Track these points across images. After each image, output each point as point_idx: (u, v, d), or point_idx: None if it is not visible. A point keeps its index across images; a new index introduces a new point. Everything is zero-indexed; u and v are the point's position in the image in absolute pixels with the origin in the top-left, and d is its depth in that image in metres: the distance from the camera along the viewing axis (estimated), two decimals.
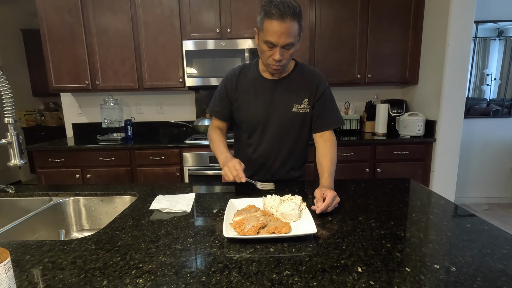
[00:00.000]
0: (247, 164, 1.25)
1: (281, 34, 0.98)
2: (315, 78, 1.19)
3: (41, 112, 4.61)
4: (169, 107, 3.04)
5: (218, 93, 1.26)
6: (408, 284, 0.58)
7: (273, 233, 0.76)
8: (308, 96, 1.19)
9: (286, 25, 0.97)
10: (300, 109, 1.19)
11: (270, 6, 0.97)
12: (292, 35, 0.99)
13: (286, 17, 0.96)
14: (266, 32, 1.00)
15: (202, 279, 0.61)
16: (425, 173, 2.55)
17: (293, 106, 1.18)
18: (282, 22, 0.96)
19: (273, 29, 0.98)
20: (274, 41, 1.00)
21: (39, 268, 0.67)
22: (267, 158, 1.24)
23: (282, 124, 1.20)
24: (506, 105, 3.03)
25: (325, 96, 1.20)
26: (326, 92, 1.20)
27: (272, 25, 0.98)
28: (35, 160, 2.42)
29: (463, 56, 2.33)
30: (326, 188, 1.00)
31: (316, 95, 1.19)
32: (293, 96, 1.18)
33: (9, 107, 1.00)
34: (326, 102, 1.20)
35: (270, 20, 0.98)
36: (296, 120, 1.20)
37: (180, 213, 0.96)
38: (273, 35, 0.99)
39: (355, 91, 3.02)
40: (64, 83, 2.64)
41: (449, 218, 0.89)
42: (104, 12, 2.54)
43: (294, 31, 1.00)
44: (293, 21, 0.98)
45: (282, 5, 0.96)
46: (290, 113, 1.19)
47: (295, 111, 1.19)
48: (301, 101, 1.18)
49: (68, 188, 1.22)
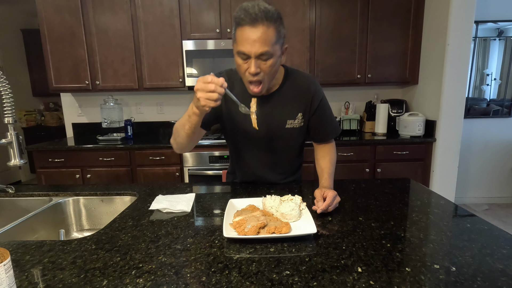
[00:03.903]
0: (243, 174, 1.23)
1: (253, 42, 0.84)
2: (309, 89, 1.07)
3: (41, 112, 4.61)
4: (169, 107, 3.04)
5: None
6: (408, 284, 0.58)
7: (273, 233, 0.76)
8: (303, 110, 1.08)
9: (259, 31, 0.84)
10: (294, 125, 1.09)
11: (240, 11, 0.85)
12: (268, 43, 0.85)
13: (257, 21, 0.83)
14: (238, 42, 0.88)
15: (202, 279, 0.61)
16: (425, 173, 2.55)
17: (287, 122, 1.08)
18: (253, 27, 0.84)
19: (244, 37, 0.85)
20: (246, 51, 0.86)
21: (39, 268, 0.67)
22: (262, 171, 1.18)
23: (275, 140, 1.11)
24: (506, 105, 3.03)
25: (320, 107, 1.09)
26: (321, 103, 1.09)
27: (243, 33, 0.85)
28: (35, 160, 2.42)
29: (463, 56, 2.33)
30: (326, 188, 1.00)
31: (311, 108, 1.09)
32: (286, 111, 1.07)
33: (9, 107, 1.00)
34: (323, 114, 1.11)
35: (241, 27, 0.85)
36: (291, 135, 1.12)
37: (180, 213, 0.96)
38: (244, 43, 0.85)
39: (355, 91, 3.02)
40: (64, 83, 2.64)
41: (449, 218, 0.89)
42: (104, 12, 2.54)
43: (270, 38, 0.85)
44: (268, 26, 0.84)
45: (252, 8, 0.84)
46: (284, 130, 1.09)
47: (289, 127, 1.09)
48: (295, 116, 1.08)
49: (68, 188, 1.22)
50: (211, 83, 0.78)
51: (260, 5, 0.85)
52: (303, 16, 2.55)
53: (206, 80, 0.78)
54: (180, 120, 0.97)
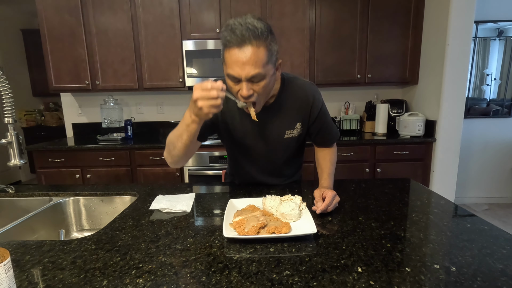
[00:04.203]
0: (241, 178, 1.23)
1: (243, 64, 0.78)
2: (308, 99, 1.03)
3: (41, 112, 4.61)
4: (169, 107, 3.04)
5: None
6: (408, 284, 0.58)
7: (273, 233, 0.76)
8: (301, 119, 1.06)
9: (248, 53, 0.77)
10: (293, 134, 1.07)
11: (227, 32, 0.79)
12: (259, 64, 0.79)
13: (245, 43, 0.77)
14: (227, 64, 0.82)
15: (202, 279, 0.61)
16: (425, 173, 2.55)
17: (285, 132, 1.06)
18: (241, 49, 0.77)
19: (233, 59, 0.79)
20: (236, 74, 0.80)
21: (39, 268, 0.67)
22: (261, 177, 1.18)
23: (274, 150, 1.10)
24: (506, 105, 3.03)
25: (320, 117, 1.07)
26: (321, 112, 1.06)
27: (231, 55, 0.79)
28: (35, 160, 2.42)
29: (463, 56, 2.33)
30: (325, 188, 1.00)
31: (310, 118, 1.06)
32: (284, 122, 1.04)
33: (9, 107, 1.00)
34: (322, 122, 1.08)
35: (228, 49, 0.80)
36: (290, 144, 1.10)
37: (180, 213, 0.96)
38: (233, 66, 0.80)
39: (355, 91, 3.02)
40: (64, 83, 2.64)
41: (449, 218, 0.89)
42: (104, 12, 2.54)
43: (260, 58, 0.79)
44: (257, 46, 0.78)
45: (239, 27, 0.77)
46: (283, 139, 1.07)
47: (287, 137, 1.07)
48: (294, 126, 1.06)
49: (68, 188, 1.22)
50: (213, 90, 0.74)
51: (248, 22, 0.78)
52: (303, 16, 2.55)
53: (206, 87, 0.75)
54: (175, 132, 0.92)
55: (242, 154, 1.14)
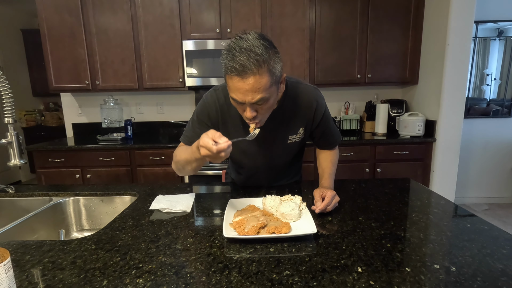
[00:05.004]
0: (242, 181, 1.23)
1: (246, 91, 0.78)
2: (311, 105, 1.02)
3: (41, 112, 4.61)
4: (169, 107, 3.04)
5: (197, 122, 1.03)
6: (408, 284, 0.58)
7: (273, 233, 0.76)
8: (304, 124, 1.06)
9: (250, 82, 0.76)
10: (296, 139, 1.08)
11: (228, 58, 0.77)
12: (261, 90, 0.78)
13: (247, 73, 0.75)
14: (230, 88, 0.82)
15: (202, 279, 0.61)
16: (425, 173, 2.55)
17: (289, 138, 1.06)
18: (243, 79, 0.76)
19: (235, 87, 0.79)
20: (239, 99, 0.81)
21: (39, 268, 0.67)
22: (262, 180, 1.18)
23: (276, 154, 1.11)
24: (506, 105, 3.03)
25: (323, 122, 1.07)
26: (324, 117, 1.06)
27: (233, 82, 0.78)
28: (35, 160, 2.42)
29: (463, 56, 2.33)
30: (325, 188, 1.00)
31: (313, 123, 1.06)
32: (287, 128, 1.05)
33: (9, 107, 1.00)
34: (325, 126, 1.09)
35: (230, 76, 0.78)
36: (292, 148, 1.11)
37: (180, 213, 0.96)
38: (236, 92, 0.80)
39: (355, 91, 3.02)
40: (64, 83, 2.64)
41: (449, 218, 0.89)
42: (104, 12, 2.54)
43: (263, 85, 0.78)
44: (259, 74, 0.76)
45: (240, 55, 0.74)
46: (286, 145, 1.08)
47: (290, 142, 1.08)
48: (297, 131, 1.06)
49: (68, 188, 1.22)
50: (222, 153, 0.75)
51: (249, 47, 0.75)
52: (303, 16, 2.55)
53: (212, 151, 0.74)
54: (184, 154, 0.93)
55: (245, 161, 1.14)
